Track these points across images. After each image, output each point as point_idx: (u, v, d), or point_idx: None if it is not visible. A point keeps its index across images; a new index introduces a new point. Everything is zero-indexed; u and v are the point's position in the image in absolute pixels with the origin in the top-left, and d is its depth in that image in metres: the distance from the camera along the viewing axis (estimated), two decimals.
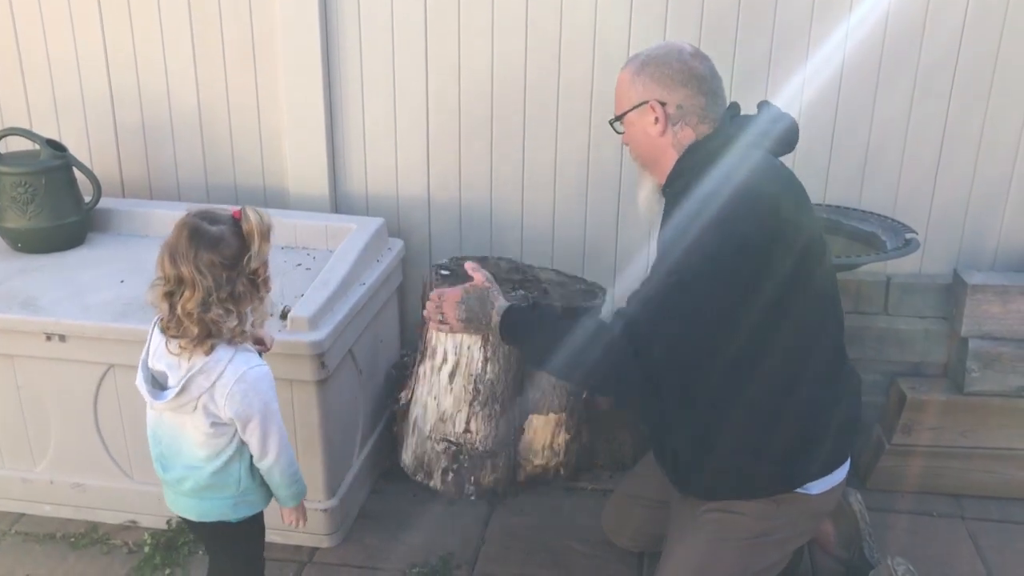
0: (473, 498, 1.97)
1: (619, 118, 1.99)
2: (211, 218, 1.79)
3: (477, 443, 2.08)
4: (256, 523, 2.04)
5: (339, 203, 3.22)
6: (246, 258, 1.78)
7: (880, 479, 2.87)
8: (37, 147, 2.87)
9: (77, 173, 2.95)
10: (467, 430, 2.07)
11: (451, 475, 2.14)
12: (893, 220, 2.78)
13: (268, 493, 2.00)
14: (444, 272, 2.28)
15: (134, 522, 2.72)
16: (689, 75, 1.89)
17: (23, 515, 2.77)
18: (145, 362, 1.91)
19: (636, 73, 1.92)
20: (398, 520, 2.77)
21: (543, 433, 2.14)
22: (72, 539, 2.68)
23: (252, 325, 1.89)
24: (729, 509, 2.03)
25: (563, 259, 3.14)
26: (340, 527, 2.67)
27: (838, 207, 2.88)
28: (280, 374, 2.17)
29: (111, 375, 2.55)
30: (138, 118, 3.23)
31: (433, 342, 2.31)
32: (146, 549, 2.61)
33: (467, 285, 2.11)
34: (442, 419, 2.23)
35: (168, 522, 2.68)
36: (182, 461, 1.91)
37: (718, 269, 1.78)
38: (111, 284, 2.70)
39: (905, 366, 2.98)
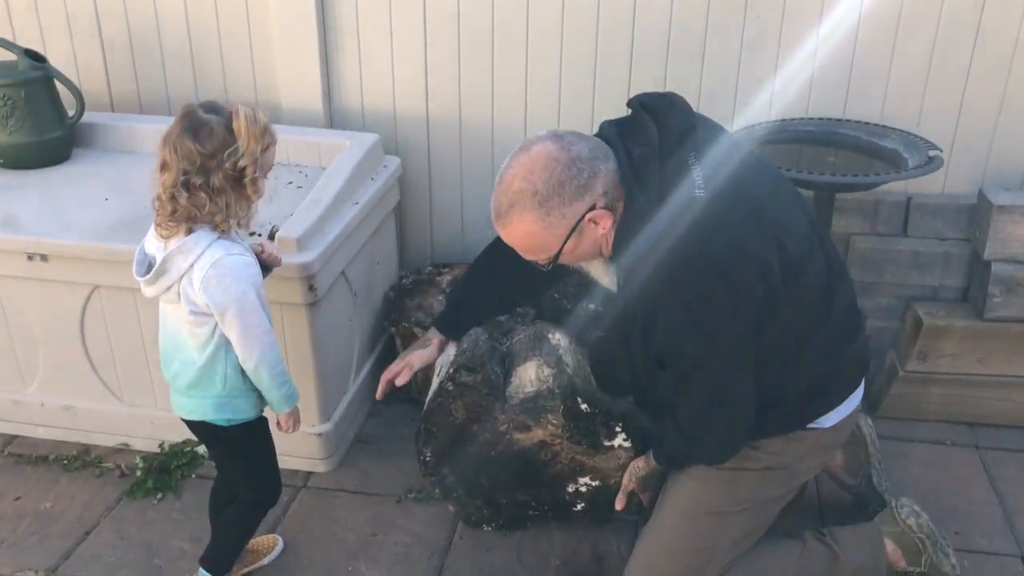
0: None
1: (555, 258, 1.76)
2: (208, 107, 1.81)
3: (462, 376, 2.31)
4: (250, 434, 2.01)
5: (334, 118, 3.08)
6: (226, 152, 1.76)
7: (892, 406, 2.78)
8: (15, 58, 2.74)
9: (59, 87, 2.82)
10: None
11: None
12: (916, 136, 2.62)
13: (258, 402, 1.99)
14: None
15: (127, 445, 2.68)
16: (582, 164, 1.67)
17: (16, 437, 2.74)
18: (142, 247, 1.92)
19: (544, 214, 1.68)
20: (395, 444, 2.72)
21: (526, 373, 2.26)
22: (64, 461, 2.65)
23: (239, 224, 1.87)
24: None
25: None
26: (335, 451, 2.62)
27: (858, 122, 2.72)
28: (269, 296, 2.08)
29: (97, 296, 2.47)
30: (124, 30, 3.08)
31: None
32: (138, 473, 2.58)
33: None
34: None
35: (160, 445, 2.64)
36: (178, 356, 1.93)
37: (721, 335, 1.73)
38: (95, 202, 2.60)
39: (923, 290, 2.85)
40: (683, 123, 1.79)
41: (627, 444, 2.23)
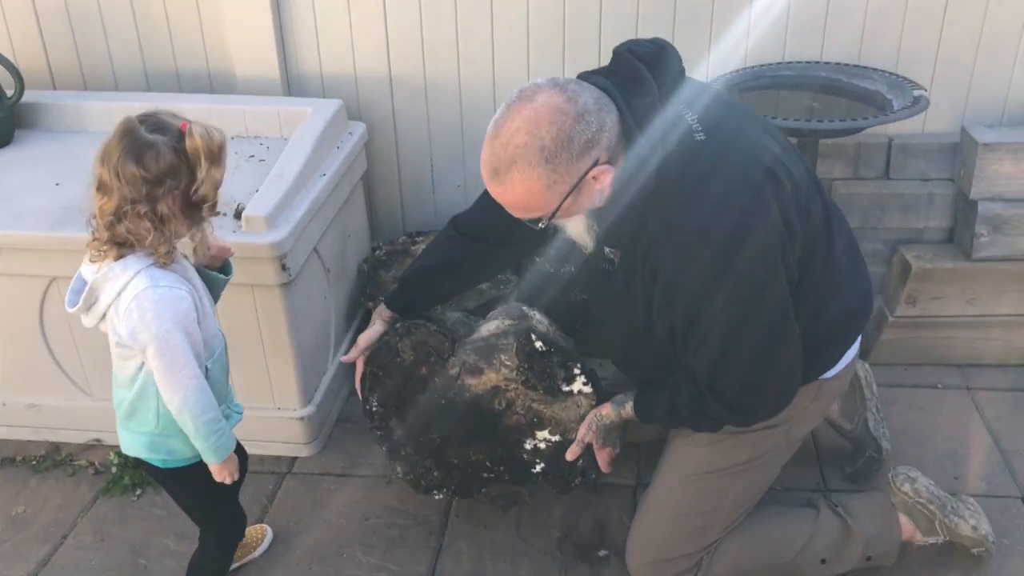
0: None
1: (550, 217, 1.65)
2: (153, 124, 1.60)
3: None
4: (192, 475, 1.81)
5: (292, 85, 2.93)
6: (177, 177, 1.59)
7: (883, 353, 2.74)
8: None
9: None
10: None
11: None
12: (899, 76, 2.55)
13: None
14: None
15: (99, 440, 2.56)
16: (590, 117, 1.56)
17: None
18: (80, 274, 1.73)
19: (551, 171, 1.56)
20: None
21: (486, 327, 2.13)
22: (33, 462, 2.52)
23: (195, 253, 1.72)
24: None
25: None
26: (319, 434, 2.53)
27: (838, 64, 2.64)
28: (240, 279, 1.99)
29: (55, 289, 2.33)
30: None
31: None
32: (113, 469, 2.46)
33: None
34: None
35: None
36: (117, 386, 1.78)
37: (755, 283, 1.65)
38: (45, 187, 2.44)
39: (907, 233, 2.81)
40: (676, 71, 1.71)
41: (588, 389, 2.05)
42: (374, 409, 2.17)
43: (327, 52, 2.88)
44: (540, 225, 1.68)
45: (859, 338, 1.97)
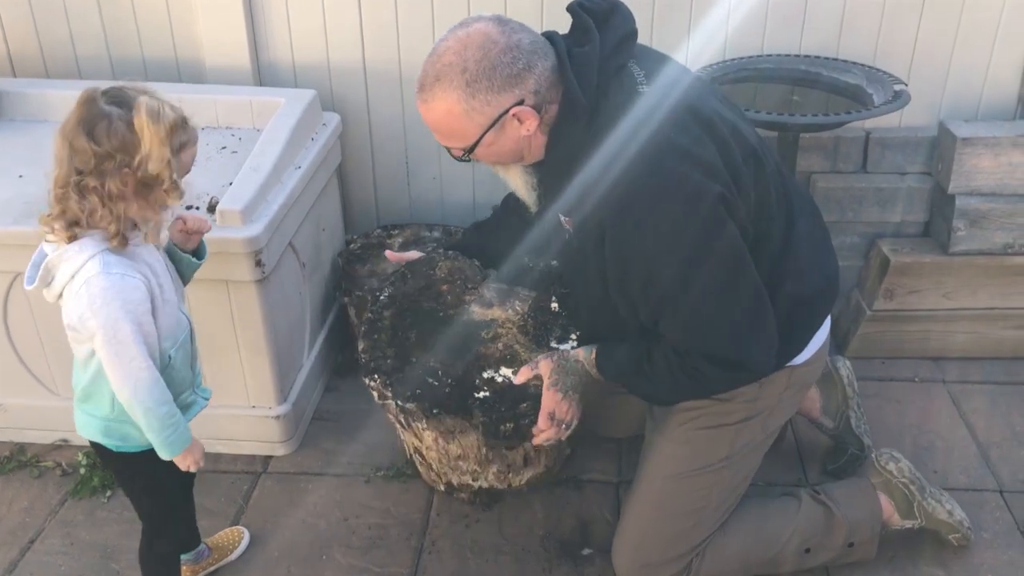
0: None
1: (470, 149, 1.67)
2: (113, 97, 1.55)
3: None
4: (148, 462, 1.73)
5: (263, 75, 2.86)
6: (129, 154, 1.52)
7: (860, 346, 2.75)
8: None
9: None
10: None
11: None
12: (878, 70, 2.55)
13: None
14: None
15: (65, 441, 2.49)
16: (519, 53, 1.59)
17: None
18: (42, 248, 1.67)
19: (469, 96, 1.58)
20: (356, 419, 2.58)
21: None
22: None
23: (146, 237, 1.63)
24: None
25: None
26: (295, 433, 2.48)
27: (818, 58, 2.63)
28: (214, 274, 1.94)
29: (19, 285, 2.25)
30: None
31: None
32: (82, 470, 2.39)
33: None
34: None
35: None
36: (74, 366, 1.73)
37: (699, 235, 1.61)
38: (8, 180, 2.36)
39: (884, 227, 2.81)
40: (625, 27, 1.72)
41: None
42: (381, 298, 2.19)
43: (299, 41, 2.81)
44: (462, 158, 1.70)
45: (827, 322, 1.95)
